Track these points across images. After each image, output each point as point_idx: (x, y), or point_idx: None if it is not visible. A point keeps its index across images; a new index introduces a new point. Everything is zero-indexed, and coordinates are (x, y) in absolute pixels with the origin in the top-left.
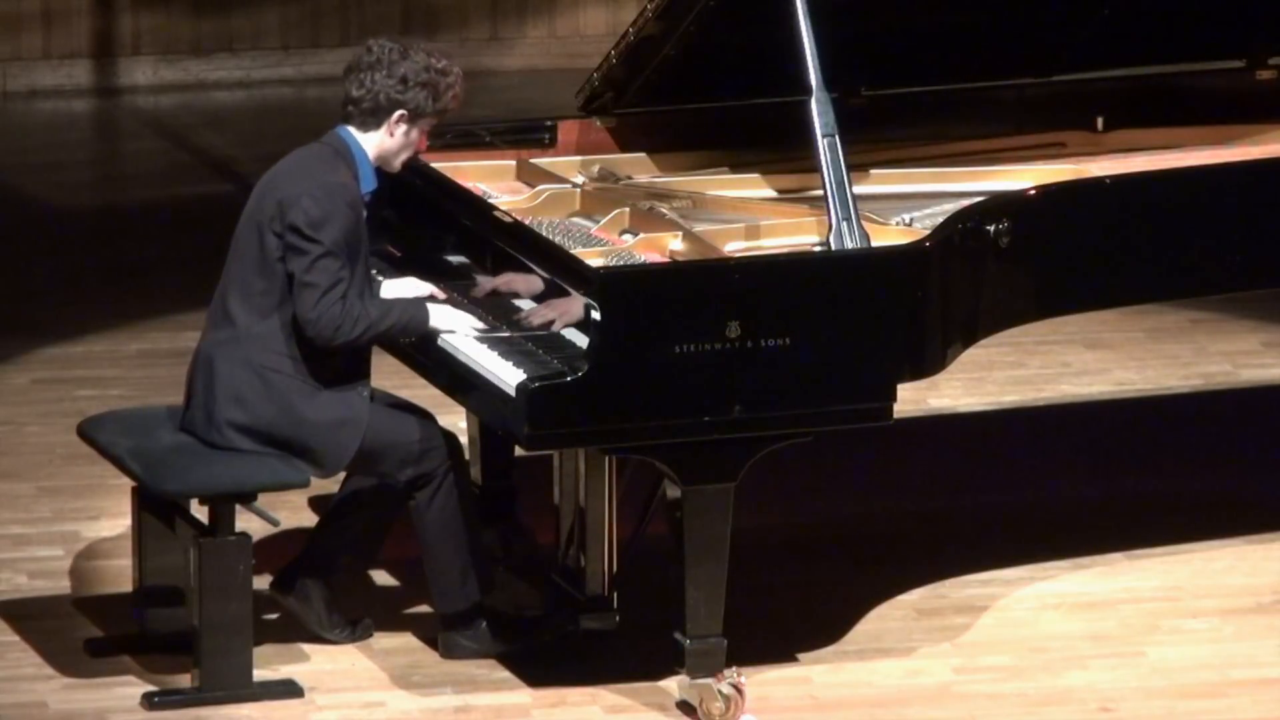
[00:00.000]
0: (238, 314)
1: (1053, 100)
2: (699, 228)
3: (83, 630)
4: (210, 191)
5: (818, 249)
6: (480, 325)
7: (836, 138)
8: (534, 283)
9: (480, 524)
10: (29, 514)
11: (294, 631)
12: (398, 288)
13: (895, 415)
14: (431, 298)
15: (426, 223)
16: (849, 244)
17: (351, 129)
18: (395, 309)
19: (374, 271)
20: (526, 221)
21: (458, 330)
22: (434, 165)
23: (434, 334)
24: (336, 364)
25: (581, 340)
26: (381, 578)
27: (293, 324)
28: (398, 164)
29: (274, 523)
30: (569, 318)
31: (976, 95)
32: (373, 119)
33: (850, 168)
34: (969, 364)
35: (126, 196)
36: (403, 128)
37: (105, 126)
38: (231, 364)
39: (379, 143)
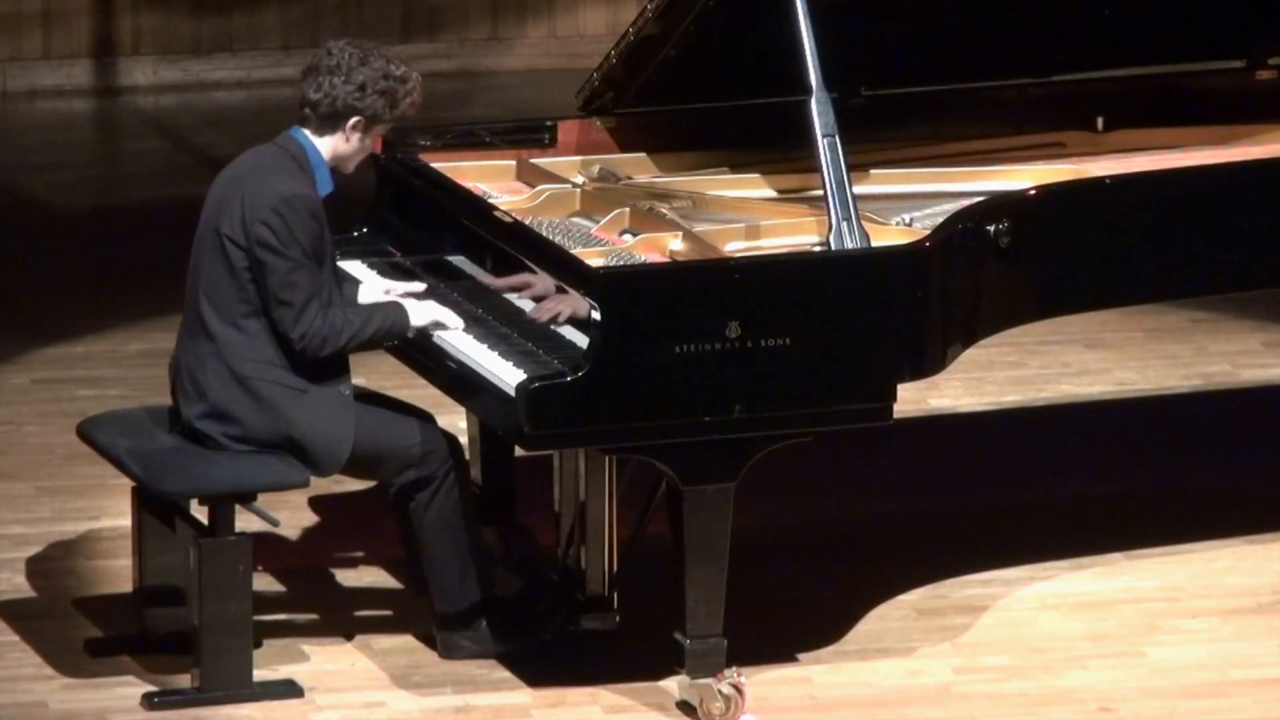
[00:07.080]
0: (213, 325)
1: (1053, 100)
2: (699, 228)
3: (83, 630)
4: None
5: (818, 249)
6: (460, 320)
7: (836, 138)
8: (543, 282)
9: (480, 524)
10: (29, 514)
11: (294, 631)
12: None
13: (895, 415)
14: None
15: (426, 223)
16: (849, 244)
17: (307, 131)
18: (377, 314)
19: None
20: (526, 221)
21: (442, 326)
22: (434, 165)
23: (417, 333)
24: (318, 363)
25: (581, 340)
26: (382, 578)
27: (270, 328)
28: (352, 167)
29: (274, 523)
30: (568, 314)
31: (976, 95)
32: (329, 124)
33: (850, 168)
34: (969, 364)
35: (126, 196)
36: (358, 133)
37: (105, 126)
38: (217, 379)
39: (334, 146)
